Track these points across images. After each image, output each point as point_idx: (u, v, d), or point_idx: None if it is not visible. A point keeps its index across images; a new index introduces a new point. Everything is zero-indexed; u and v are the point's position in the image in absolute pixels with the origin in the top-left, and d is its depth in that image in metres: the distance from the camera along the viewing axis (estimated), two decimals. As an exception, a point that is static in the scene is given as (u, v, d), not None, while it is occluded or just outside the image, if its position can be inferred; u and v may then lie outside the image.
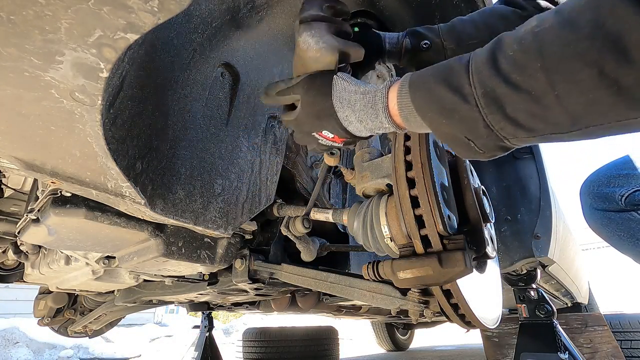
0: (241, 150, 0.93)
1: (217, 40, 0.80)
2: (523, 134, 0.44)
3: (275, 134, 1.05)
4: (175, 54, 0.71)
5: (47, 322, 2.02)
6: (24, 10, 0.39)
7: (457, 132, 0.48)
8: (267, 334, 3.00)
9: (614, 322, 2.71)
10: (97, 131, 0.54)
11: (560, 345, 1.35)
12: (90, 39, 0.43)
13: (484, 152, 0.49)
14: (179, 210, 0.76)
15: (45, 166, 0.58)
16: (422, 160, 0.59)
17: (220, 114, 0.88)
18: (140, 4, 0.41)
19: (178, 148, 0.77)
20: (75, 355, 4.83)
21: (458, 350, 4.66)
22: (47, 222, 0.80)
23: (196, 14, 0.71)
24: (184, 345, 5.35)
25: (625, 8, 0.33)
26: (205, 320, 2.74)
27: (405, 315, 2.54)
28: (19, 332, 4.78)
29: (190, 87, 0.78)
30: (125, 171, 0.61)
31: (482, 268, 0.76)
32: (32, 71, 0.44)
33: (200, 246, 0.99)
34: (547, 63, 0.39)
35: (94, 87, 0.48)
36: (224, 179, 0.88)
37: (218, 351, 2.71)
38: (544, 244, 1.33)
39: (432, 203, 0.57)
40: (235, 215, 0.90)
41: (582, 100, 0.38)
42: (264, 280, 1.10)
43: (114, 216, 0.82)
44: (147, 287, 1.46)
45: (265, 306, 1.89)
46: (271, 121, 1.03)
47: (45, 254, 1.28)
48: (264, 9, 0.88)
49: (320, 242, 1.06)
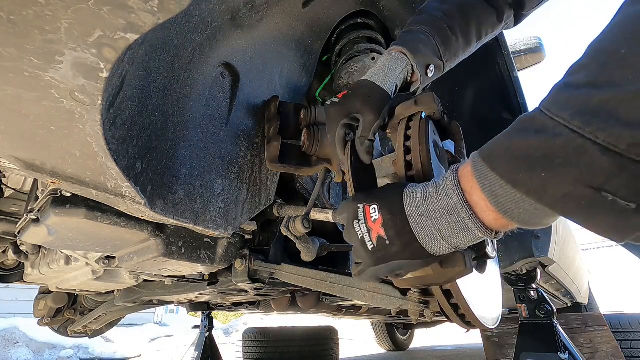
0: (241, 150, 0.93)
1: (217, 40, 0.80)
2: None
3: (275, 134, 1.05)
4: (175, 54, 0.71)
5: (47, 322, 2.02)
6: (24, 10, 0.39)
7: (571, 185, 0.34)
8: (267, 334, 3.00)
9: (614, 322, 2.71)
10: (97, 131, 0.54)
11: (560, 345, 1.35)
12: (90, 39, 0.43)
13: (631, 198, 0.32)
14: (179, 210, 0.76)
15: (45, 166, 0.58)
16: (422, 160, 0.59)
17: (220, 114, 0.88)
18: (140, 4, 0.41)
19: (178, 148, 0.77)
20: (75, 355, 4.83)
21: (458, 350, 4.66)
22: (47, 222, 0.80)
23: (196, 14, 0.71)
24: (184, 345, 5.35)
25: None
26: (205, 320, 2.74)
27: (405, 315, 2.54)
28: (19, 332, 4.78)
29: (190, 87, 0.78)
30: (125, 171, 0.61)
31: (482, 268, 0.76)
32: (32, 71, 0.44)
33: (200, 246, 0.99)
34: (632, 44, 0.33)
35: (94, 87, 0.48)
36: (224, 179, 0.87)
37: (218, 351, 2.71)
38: (544, 244, 1.33)
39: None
40: (235, 215, 0.90)
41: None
42: (264, 280, 1.10)
43: (114, 216, 0.82)
44: (147, 287, 1.46)
45: (265, 306, 1.89)
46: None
47: (45, 254, 1.28)
48: (263, 9, 0.88)
49: (320, 242, 1.06)
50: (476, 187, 0.42)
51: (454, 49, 0.78)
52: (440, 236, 0.45)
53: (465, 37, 0.79)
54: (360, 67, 1.02)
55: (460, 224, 0.44)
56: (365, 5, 1.12)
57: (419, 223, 0.46)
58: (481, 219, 0.43)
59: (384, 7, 1.13)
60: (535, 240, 1.32)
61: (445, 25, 0.77)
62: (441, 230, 0.45)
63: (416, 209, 0.47)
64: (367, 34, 1.12)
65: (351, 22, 1.13)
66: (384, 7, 1.13)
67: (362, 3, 1.11)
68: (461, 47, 0.79)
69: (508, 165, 0.38)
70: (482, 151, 0.43)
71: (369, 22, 1.15)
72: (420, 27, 0.76)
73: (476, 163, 0.42)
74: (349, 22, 1.13)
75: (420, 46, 0.73)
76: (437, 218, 0.45)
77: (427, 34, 0.75)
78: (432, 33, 0.75)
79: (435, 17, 0.77)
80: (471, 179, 0.43)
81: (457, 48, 0.78)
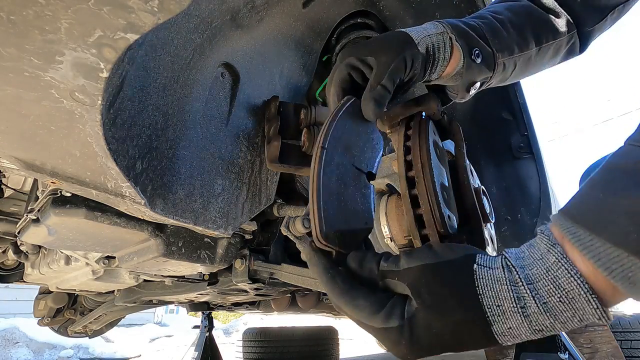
0: (241, 150, 0.93)
1: (217, 40, 0.80)
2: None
3: (275, 134, 1.05)
4: (175, 54, 0.71)
5: (47, 322, 2.02)
6: (24, 10, 0.39)
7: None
8: (267, 334, 3.00)
9: (614, 322, 2.71)
10: (97, 131, 0.53)
11: (560, 345, 1.35)
12: (90, 39, 0.43)
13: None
14: (179, 210, 0.76)
15: (45, 166, 0.58)
16: (422, 160, 0.59)
17: (220, 114, 0.88)
18: (140, 4, 0.41)
19: (178, 148, 0.77)
20: (75, 355, 4.83)
21: (458, 350, 4.65)
22: (47, 222, 0.80)
23: (196, 14, 0.71)
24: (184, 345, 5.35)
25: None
26: (205, 320, 2.74)
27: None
28: (19, 332, 4.78)
29: (190, 87, 0.78)
30: (125, 171, 0.61)
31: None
32: (32, 71, 0.44)
33: (200, 246, 0.99)
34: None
35: (94, 87, 0.48)
36: (224, 179, 0.87)
37: (218, 351, 2.71)
38: (544, 244, 1.33)
39: (432, 203, 0.57)
40: (235, 215, 0.90)
41: None
42: (264, 280, 1.10)
43: (114, 216, 0.82)
44: (147, 287, 1.46)
45: (265, 306, 1.89)
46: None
47: (45, 254, 1.28)
48: (263, 9, 0.88)
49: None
50: (592, 270, 0.32)
51: (506, 41, 0.64)
52: (522, 315, 0.35)
53: (520, 34, 0.65)
54: (360, 67, 1.02)
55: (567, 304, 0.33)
56: (365, 5, 1.12)
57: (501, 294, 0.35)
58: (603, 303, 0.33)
59: (384, 7, 1.13)
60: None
61: (492, 17, 0.65)
62: (528, 307, 0.35)
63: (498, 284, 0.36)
64: (367, 34, 1.12)
65: (351, 22, 1.13)
66: (384, 7, 1.13)
67: (362, 3, 1.11)
68: (515, 42, 0.65)
69: (618, 227, 0.31)
70: (575, 218, 0.34)
71: (369, 22, 1.15)
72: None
73: (576, 234, 0.33)
74: (349, 22, 1.13)
75: (459, 24, 0.60)
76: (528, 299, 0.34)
77: (467, 21, 0.63)
78: (476, 21, 0.63)
79: (478, 14, 0.67)
80: (587, 265, 0.33)
81: (510, 41, 0.64)
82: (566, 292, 0.33)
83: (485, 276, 0.37)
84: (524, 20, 0.67)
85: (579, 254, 0.33)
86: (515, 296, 0.34)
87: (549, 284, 0.34)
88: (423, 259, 0.40)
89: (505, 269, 0.37)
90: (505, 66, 0.64)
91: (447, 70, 0.61)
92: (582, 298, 0.32)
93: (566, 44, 0.72)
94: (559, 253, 0.34)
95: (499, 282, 0.36)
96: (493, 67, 0.63)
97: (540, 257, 0.36)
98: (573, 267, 0.33)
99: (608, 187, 0.33)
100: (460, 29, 0.59)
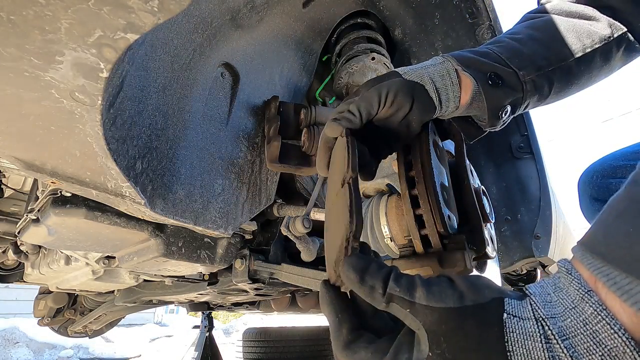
0: (241, 150, 0.93)
1: (217, 40, 0.80)
2: None
3: (275, 134, 1.05)
4: (175, 54, 0.71)
5: (47, 322, 2.02)
6: (24, 10, 0.39)
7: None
8: (267, 334, 3.00)
9: None
10: (97, 131, 0.54)
11: (560, 345, 1.34)
12: (90, 39, 0.43)
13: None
14: (179, 210, 0.76)
15: (45, 166, 0.58)
16: (422, 160, 0.59)
17: (220, 114, 0.88)
18: (140, 4, 0.41)
19: (178, 148, 0.77)
20: (75, 355, 4.84)
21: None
22: (47, 222, 0.80)
23: (196, 13, 0.71)
24: (184, 345, 5.35)
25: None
26: (205, 320, 2.75)
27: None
28: (19, 332, 4.79)
29: (190, 87, 0.78)
30: (125, 171, 0.61)
31: (482, 268, 0.76)
32: (32, 71, 0.44)
33: (200, 246, 0.99)
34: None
35: (94, 87, 0.48)
36: (224, 179, 0.88)
37: (218, 351, 2.71)
38: (544, 244, 1.33)
39: (432, 203, 0.57)
40: (235, 215, 0.90)
41: None
42: (264, 280, 1.10)
43: (114, 216, 0.82)
44: (147, 287, 1.47)
45: (265, 306, 1.89)
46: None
47: (45, 254, 1.28)
48: (263, 9, 0.88)
49: (320, 242, 1.06)
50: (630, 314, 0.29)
51: (529, 57, 0.60)
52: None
53: (547, 48, 0.62)
54: (360, 67, 1.02)
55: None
56: (365, 5, 1.12)
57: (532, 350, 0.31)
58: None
59: (384, 7, 1.13)
60: (535, 240, 1.32)
61: (509, 39, 0.62)
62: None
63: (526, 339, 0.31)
64: (367, 34, 1.12)
65: (351, 22, 1.13)
66: (384, 7, 1.13)
67: (362, 3, 1.11)
68: (542, 57, 0.61)
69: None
70: (604, 256, 0.30)
71: (369, 22, 1.15)
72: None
73: (610, 276, 0.29)
74: (348, 22, 1.13)
75: (463, 54, 0.58)
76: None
77: (477, 49, 0.61)
78: (489, 47, 0.61)
79: (494, 40, 0.65)
80: (624, 309, 0.29)
81: (535, 57, 0.61)
82: (608, 350, 0.28)
83: (515, 329, 0.31)
84: (551, 33, 0.64)
85: (619, 302, 0.29)
86: (550, 355, 0.30)
87: (588, 340, 0.29)
88: (445, 300, 0.34)
89: (539, 321, 0.32)
90: (535, 83, 0.60)
91: (461, 101, 0.58)
92: (628, 356, 0.28)
93: (616, 46, 0.67)
94: (596, 303, 0.30)
95: (531, 338, 0.31)
96: (520, 86, 0.59)
97: (573, 306, 0.31)
98: (616, 322, 0.29)
99: (638, 220, 0.29)
100: (466, 58, 0.57)
